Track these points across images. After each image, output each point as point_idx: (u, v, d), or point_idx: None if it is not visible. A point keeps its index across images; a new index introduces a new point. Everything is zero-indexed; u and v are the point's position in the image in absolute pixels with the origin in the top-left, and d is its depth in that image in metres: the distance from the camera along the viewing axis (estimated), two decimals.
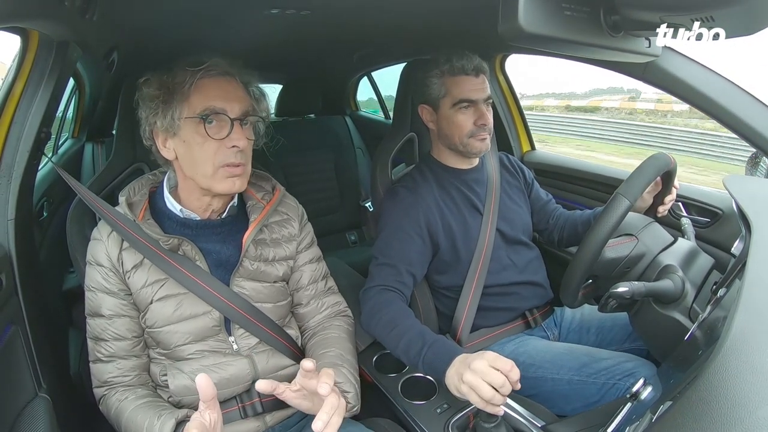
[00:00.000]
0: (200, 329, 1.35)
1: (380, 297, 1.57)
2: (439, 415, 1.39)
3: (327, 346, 1.44)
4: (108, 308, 1.34)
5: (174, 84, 1.29)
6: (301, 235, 1.55)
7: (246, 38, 1.96)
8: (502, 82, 2.59)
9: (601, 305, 1.30)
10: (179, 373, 1.34)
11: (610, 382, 1.50)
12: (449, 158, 1.85)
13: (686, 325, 1.25)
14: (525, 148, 2.68)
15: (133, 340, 1.36)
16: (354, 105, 4.19)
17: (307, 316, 1.57)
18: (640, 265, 1.38)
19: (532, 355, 1.66)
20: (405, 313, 1.52)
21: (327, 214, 3.55)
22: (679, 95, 1.63)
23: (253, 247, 1.41)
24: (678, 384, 0.87)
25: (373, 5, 1.64)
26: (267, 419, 1.40)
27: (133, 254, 1.34)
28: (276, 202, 1.49)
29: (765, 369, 0.72)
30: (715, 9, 1.01)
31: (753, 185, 1.52)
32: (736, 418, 0.64)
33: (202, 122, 1.27)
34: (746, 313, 0.82)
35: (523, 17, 1.02)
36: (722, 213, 1.81)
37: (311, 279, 1.56)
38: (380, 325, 1.51)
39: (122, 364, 1.35)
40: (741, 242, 1.29)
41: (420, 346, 1.39)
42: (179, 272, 1.32)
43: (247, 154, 1.35)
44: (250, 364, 1.37)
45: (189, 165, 1.32)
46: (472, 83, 1.73)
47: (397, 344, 1.45)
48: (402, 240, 1.67)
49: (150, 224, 1.34)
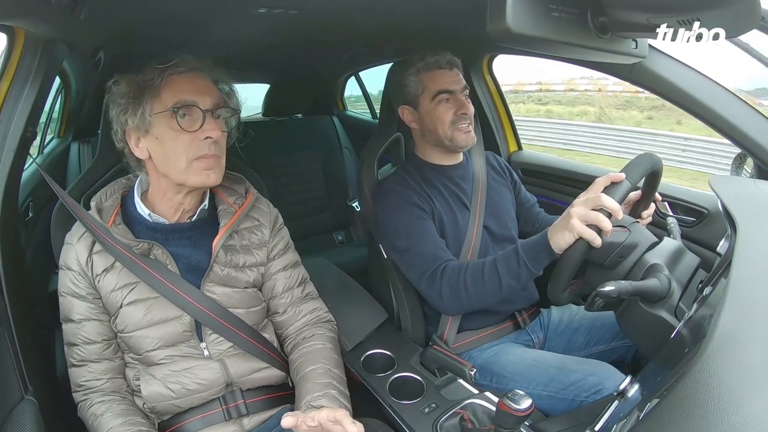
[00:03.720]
0: (171, 334, 1.34)
1: (447, 272, 1.57)
2: (427, 415, 1.39)
3: (313, 361, 1.43)
4: (78, 312, 1.35)
5: (144, 81, 1.30)
6: (272, 241, 1.53)
7: (234, 37, 1.95)
8: (490, 82, 2.59)
9: (588, 304, 1.30)
10: (152, 380, 1.34)
11: (578, 399, 1.51)
12: (434, 155, 1.86)
13: (672, 323, 1.26)
14: (512, 148, 2.68)
15: (104, 344, 1.36)
16: (341, 105, 4.18)
17: (285, 324, 1.55)
18: (632, 257, 1.38)
19: (505, 366, 1.67)
20: (478, 262, 1.54)
21: (314, 215, 3.55)
22: (666, 96, 1.64)
23: (223, 253, 1.41)
24: (665, 382, 0.88)
25: (361, 5, 1.65)
26: (245, 422, 1.39)
27: (103, 258, 1.34)
28: (247, 208, 1.49)
29: (751, 366, 0.73)
30: (701, 11, 1.02)
31: (738, 185, 1.54)
32: (723, 415, 0.65)
33: (174, 116, 1.28)
34: (732, 311, 0.82)
35: (511, 18, 1.03)
36: (708, 212, 1.83)
37: (286, 287, 1.54)
38: (470, 287, 1.52)
39: (94, 368, 1.35)
40: (726, 241, 1.30)
41: (514, 257, 1.44)
42: (151, 276, 1.32)
43: (220, 146, 1.35)
44: (221, 368, 1.37)
45: (162, 161, 1.32)
46: (447, 76, 1.77)
47: (498, 282, 1.47)
48: (419, 226, 1.68)
49: (121, 229, 1.35)
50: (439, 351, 1.55)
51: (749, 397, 0.67)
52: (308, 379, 1.37)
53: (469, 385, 1.49)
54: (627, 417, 0.97)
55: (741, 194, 1.34)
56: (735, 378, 0.71)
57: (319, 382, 1.36)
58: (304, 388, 1.35)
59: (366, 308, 1.81)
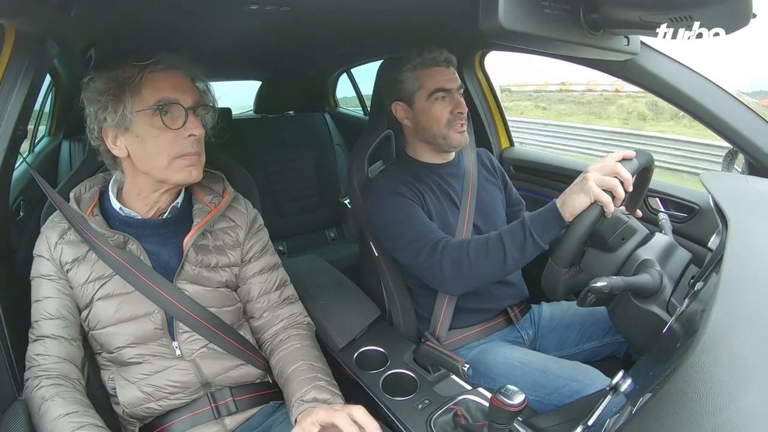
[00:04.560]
0: (142, 331, 1.33)
1: (448, 248, 1.56)
2: (420, 411, 1.39)
3: (294, 361, 1.41)
4: (43, 294, 1.33)
5: (123, 79, 1.29)
6: (248, 243, 1.52)
7: (225, 34, 1.94)
8: (482, 79, 2.60)
9: (581, 300, 1.31)
10: (127, 384, 1.33)
11: (561, 405, 1.51)
12: (424, 154, 1.86)
13: (664, 318, 1.27)
14: (504, 144, 2.69)
15: (62, 320, 1.32)
16: (333, 102, 4.18)
17: (262, 329, 1.53)
18: (632, 241, 1.40)
19: (490, 366, 1.67)
20: (481, 236, 1.55)
21: (307, 212, 3.55)
22: (658, 93, 1.66)
23: (193, 252, 1.40)
24: (657, 376, 0.89)
25: (353, 2, 1.64)
26: (227, 422, 1.38)
27: (74, 248, 1.34)
28: (222, 208, 1.47)
29: (742, 360, 0.74)
30: (694, 8, 1.03)
31: (729, 181, 1.55)
32: (715, 408, 0.65)
33: (158, 113, 1.28)
34: (723, 305, 0.83)
35: (503, 14, 1.03)
36: (699, 208, 1.84)
37: (262, 291, 1.52)
38: (473, 260, 1.51)
39: (48, 344, 1.30)
40: (717, 237, 1.32)
41: (520, 228, 1.44)
42: (126, 269, 1.31)
43: (201, 143, 1.35)
44: (194, 368, 1.35)
45: (142, 159, 1.32)
46: (444, 74, 1.77)
47: (503, 255, 1.46)
48: (410, 210, 1.67)
49: (98, 220, 1.34)
50: (432, 347, 1.55)
51: (741, 390, 0.68)
52: (293, 378, 1.36)
53: (462, 381, 1.49)
54: (620, 411, 0.98)
55: (732, 190, 1.35)
56: (727, 372, 0.72)
57: (304, 377, 1.34)
58: (290, 388, 1.34)
59: (359, 305, 1.80)
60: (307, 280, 1.72)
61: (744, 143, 1.60)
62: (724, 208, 1.16)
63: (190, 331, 1.36)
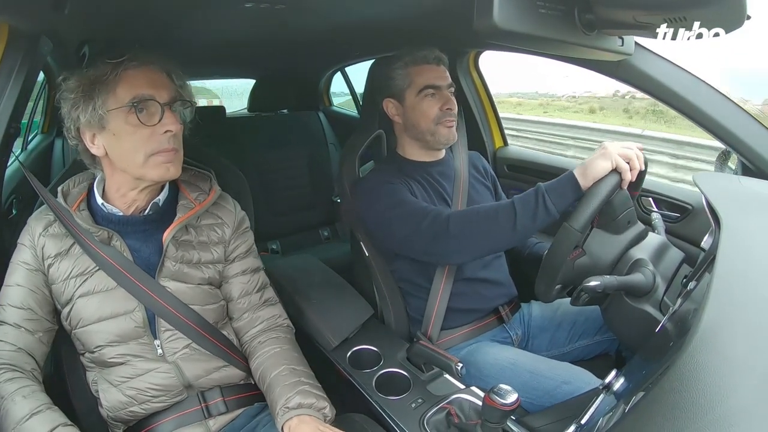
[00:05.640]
0: (122, 329, 1.32)
1: (453, 217, 1.54)
2: (413, 410, 1.39)
3: (275, 366, 1.40)
4: (15, 280, 1.31)
5: (95, 76, 1.27)
6: (233, 243, 1.50)
7: (220, 32, 1.94)
8: (476, 78, 2.60)
9: (574, 299, 1.32)
10: (110, 387, 1.32)
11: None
12: (414, 152, 1.86)
13: (657, 317, 1.28)
14: (498, 144, 2.69)
15: (27, 311, 1.29)
16: (327, 101, 4.18)
17: (241, 330, 1.51)
18: (634, 229, 1.43)
19: (480, 367, 1.66)
20: (491, 204, 1.58)
21: (300, 211, 3.53)
22: (652, 93, 1.66)
23: (173, 248, 1.38)
24: (650, 375, 0.89)
25: (349, 1, 1.64)
26: (210, 424, 1.37)
27: (58, 241, 1.33)
28: (207, 205, 1.46)
29: (735, 359, 0.74)
30: (688, 9, 1.03)
31: (722, 181, 1.56)
32: (708, 406, 0.65)
33: (133, 110, 1.26)
34: (716, 305, 0.83)
35: (498, 14, 1.03)
36: (692, 208, 1.85)
37: (243, 292, 1.51)
38: (483, 225, 1.51)
39: (7, 331, 1.27)
40: (710, 237, 1.32)
41: (533, 195, 1.46)
42: (109, 264, 1.30)
43: (179, 139, 1.33)
44: (175, 370, 1.34)
45: (119, 157, 1.30)
46: (434, 71, 1.78)
47: (513, 221, 1.45)
48: (402, 195, 1.66)
49: (84, 215, 1.33)
50: (425, 346, 1.55)
51: (734, 389, 0.68)
52: (275, 384, 1.35)
53: (455, 380, 1.49)
54: (613, 410, 0.98)
55: (725, 190, 1.36)
56: (719, 370, 0.72)
57: (287, 383, 1.34)
58: (274, 395, 1.33)
59: (352, 304, 1.80)
60: (300, 279, 1.72)
61: (738, 144, 1.61)
62: (717, 209, 1.17)
63: (172, 329, 1.35)
